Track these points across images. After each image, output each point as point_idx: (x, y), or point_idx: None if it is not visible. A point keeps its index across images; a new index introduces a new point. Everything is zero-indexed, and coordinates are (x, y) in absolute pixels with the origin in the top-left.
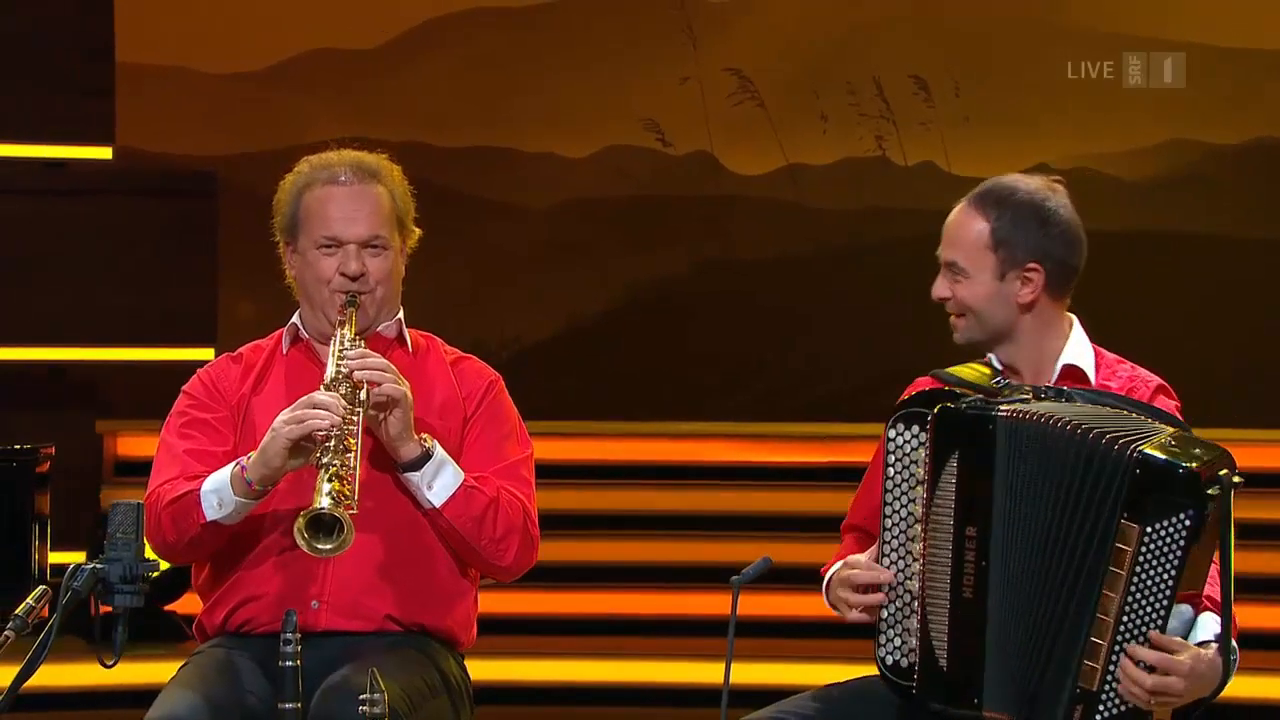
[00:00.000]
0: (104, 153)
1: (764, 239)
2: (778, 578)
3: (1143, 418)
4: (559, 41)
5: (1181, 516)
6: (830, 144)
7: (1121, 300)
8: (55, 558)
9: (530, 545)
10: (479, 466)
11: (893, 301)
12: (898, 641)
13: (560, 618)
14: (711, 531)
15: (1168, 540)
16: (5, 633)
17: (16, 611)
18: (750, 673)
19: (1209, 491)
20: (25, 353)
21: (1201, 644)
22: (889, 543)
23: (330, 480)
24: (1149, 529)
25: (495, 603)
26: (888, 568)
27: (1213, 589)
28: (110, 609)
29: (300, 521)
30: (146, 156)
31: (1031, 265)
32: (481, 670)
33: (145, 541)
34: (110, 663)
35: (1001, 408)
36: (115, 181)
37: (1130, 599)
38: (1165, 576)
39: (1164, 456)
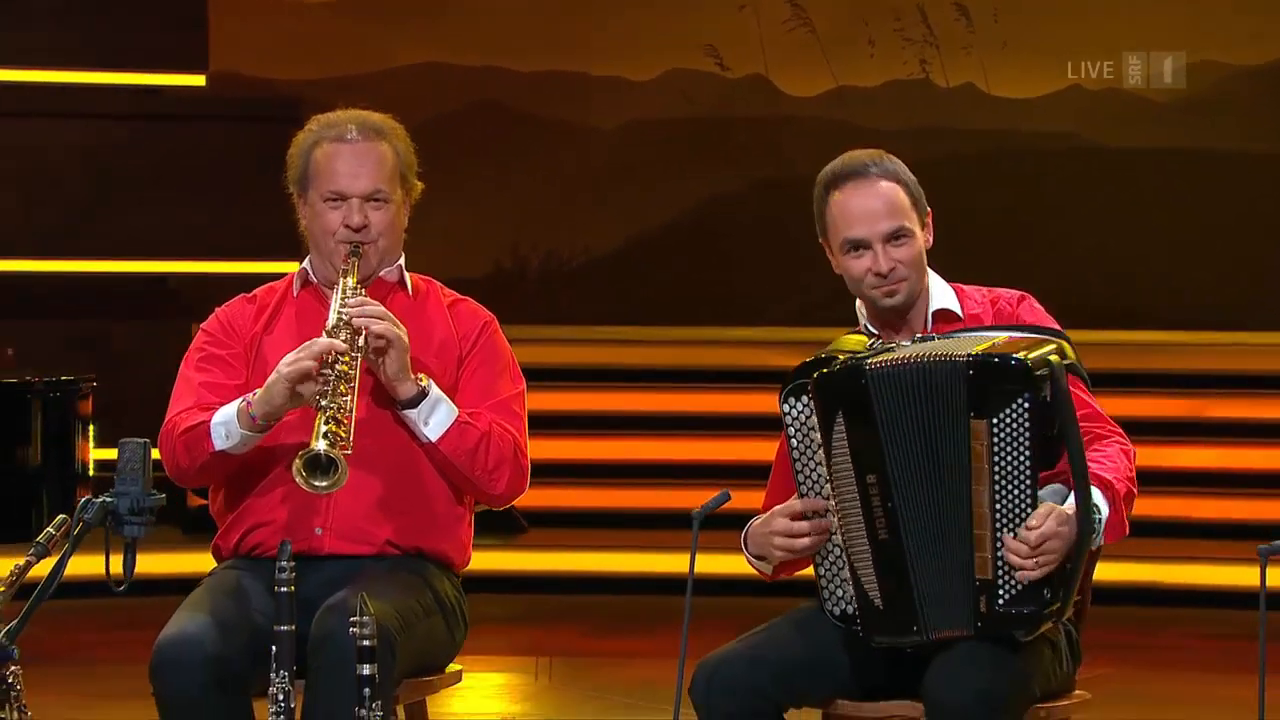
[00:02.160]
0: (197, 80)
1: (815, 157)
2: None
3: (996, 332)
4: None
5: (1019, 402)
6: (877, 67)
7: (1144, 212)
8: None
9: (520, 475)
10: (473, 402)
11: (935, 215)
12: (839, 593)
13: (620, 511)
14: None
15: (1013, 426)
16: (27, 558)
17: (38, 539)
18: None
19: (1038, 373)
20: (126, 265)
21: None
22: (804, 507)
23: (327, 423)
24: (994, 420)
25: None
26: (808, 531)
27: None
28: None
29: (298, 462)
30: (238, 82)
31: (929, 213)
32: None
33: (151, 476)
34: (121, 587)
35: (869, 362)
36: (207, 108)
37: (996, 487)
38: (1021, 458)
39: (990, 354)
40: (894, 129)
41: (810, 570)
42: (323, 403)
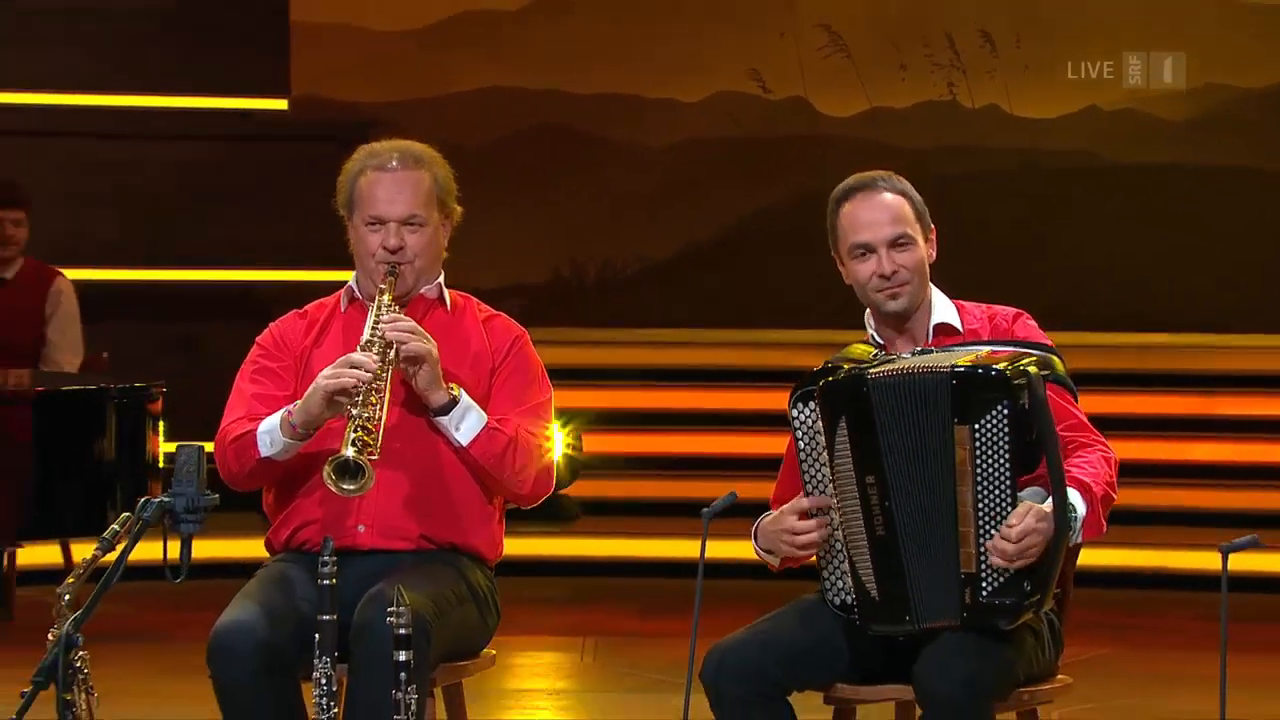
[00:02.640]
0: (280, 104)
1: (850, 173)
2: None
3: (984, 347)
4: (675, 2)
5: (999, 409)
6: (908, 90)
7: (1153, 223)
8: None
9: (546, 476)
10: (504, 409)
11: (960, 226)
12: (839, 584)
13: (667, 500)
14: None
15: (993, 431)
16: (95, 551)
17: (104, 535)
18: None
19: (1016, 383)
20: (216, 274)
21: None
22: (808, 508)
23: (356, 430)
24: (975, 426)
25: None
26: (814, 528)
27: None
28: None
29: (328, 467)
30: (317, 105)
31: (932, 229)
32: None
33: (205, 478)
34: (178, 579)
35: (870, 372)
36: (289, 129)
37: (979, 488)
38: (1001, 461)
39: (974, 365)
40: (923, 147)
41: (813, 561)
42: (354, 412)
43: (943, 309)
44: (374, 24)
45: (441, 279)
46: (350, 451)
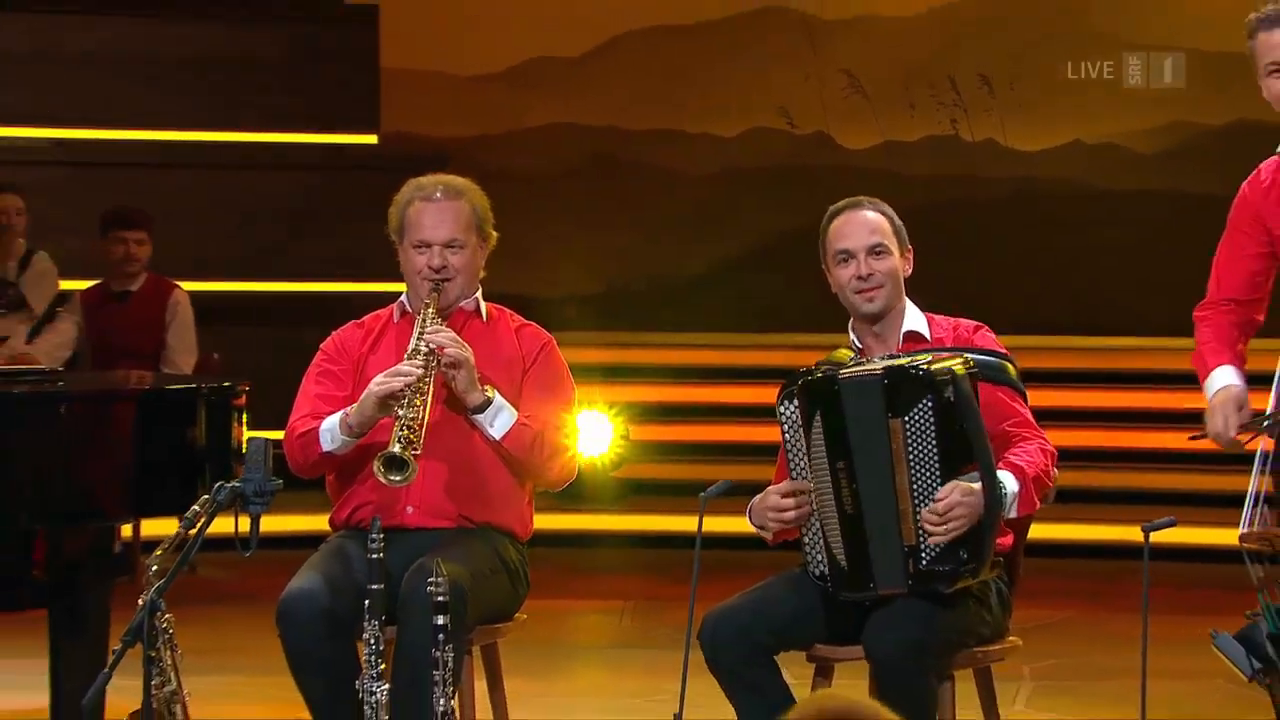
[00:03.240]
0: (371, 139)
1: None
2: None
3: (931, 354)
4: (714, 49)
5: (924, 403)
6: (916, 125)
7: (1129, 243)
8: None
9: (569, 464)
10: (532, 406)
11: (960, 244)
12: (818, 557)
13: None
14: None
15: (920, 423)
16: (178, 531)
17: (186, 515)
18: None
19: (940, 380)
20: (315, 285)
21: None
22: (790, 490)
23: (402, 430)
24: (905, 419)
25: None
26: (793, 506)
27: (1018, 455)
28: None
29: (377, 461)
30: (403, 139)
31: (909, 249)
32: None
33: (271, 467)
34: (248, 553)
35: (842, 373)
36: (378, 161)
37: (912, 472)
38: (929, 449)
39: (903, 366)
40: (929, 175)
41: (798, 536)
42: (400, 413)
43: (914, 319)
44: (453, 69)
45: (479, 293)
46: (396, 448)
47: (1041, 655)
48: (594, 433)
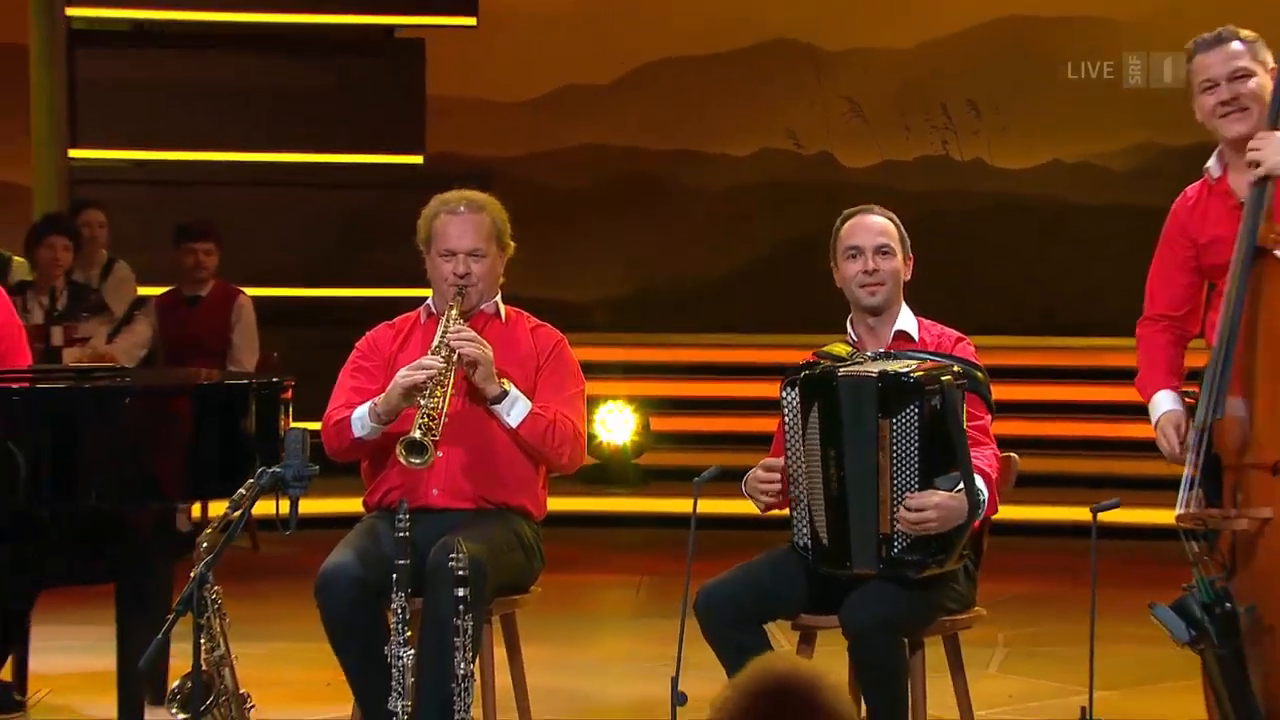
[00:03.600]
0: (417, 159)
1: None
2: None
3: (917, 358)
4: (729, 78)
5: (911, 408)
6: (911, 146)
7: (1098, 252)
8: None
9: (579, 450)
10: (545, 398)
11: (950, 252)
12: (802, 530)
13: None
14: None
15: (905, 426)
16: (226, 512)
17: (232, 498)
18: None
19: (928, 388)
20: (365, 291)
21: (957, 492)
22: (789, 466)
23: (423, 418)
24: (892, 421)
25: (670, 459)
26: (775, 480)
27: (978, 459)
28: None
29: (399, 446)
30: (447, 159)
31: (910, 256)
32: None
33: (308, 453)
34: (288, 532)
35: (840, 370)
36: (424, 179)
37: (894, 468)
38: (911, 450)
39: (896, 373)
40: (922, 191)
41: (786, 511)
42: (422, 403)
43: (906, 321)
44: (492, 96)
45: (499, 297)
46: (417, 434)
47: (1014, 625)
48: (618, 424)
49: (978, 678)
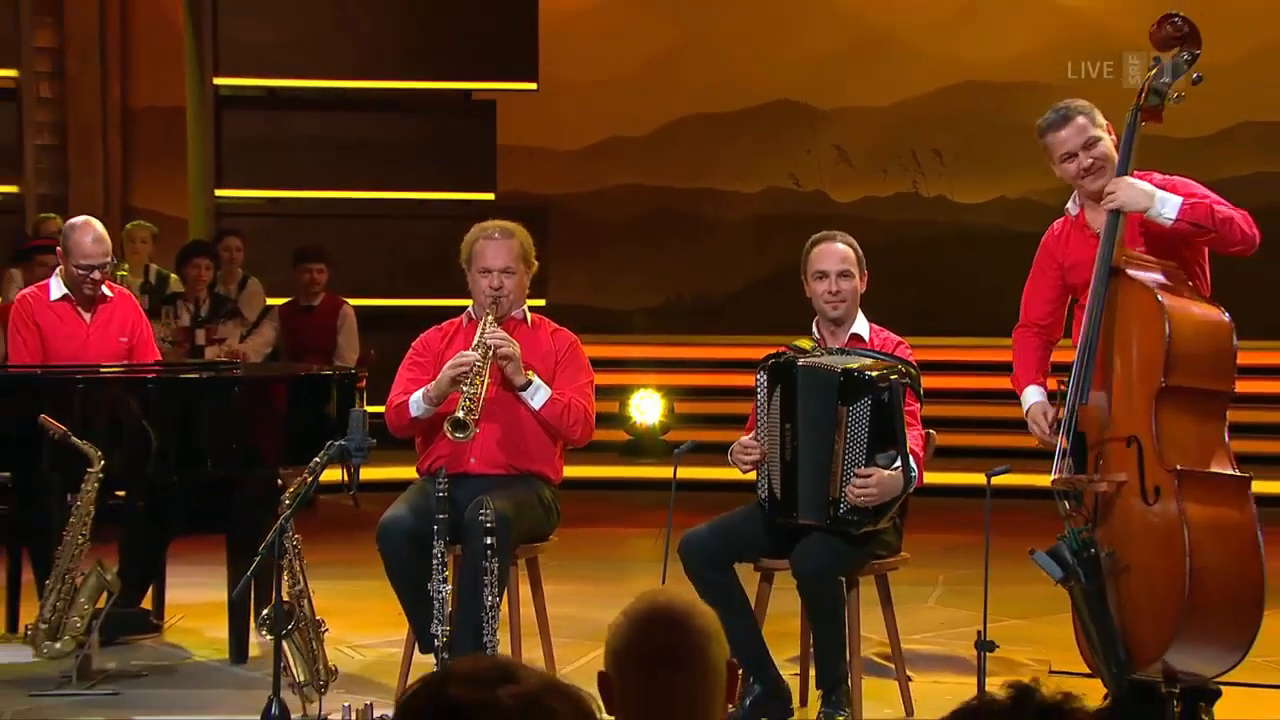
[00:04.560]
0: (490, 196)
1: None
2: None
3: (865, 356)
4: (742, 130)
5: (865, 400)
6: (888, 185)
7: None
8: None
9: (589, 428)
10: (562, 386)
11: (917, 271)
12: (763, 484)
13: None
14: None
15: (859, 414)
16: (305, 474)
17: (309, 464)
18: None
19: (879, 386)
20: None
21: (894, 470)
22: (757, 435)
23: (465, 402)
24: (848, 409)
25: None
26: (756, 450)
27: (911, 440)
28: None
29: (446, 424)
30: (514, 196)
31: (865, 273)
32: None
33: (367, 430)
34: (352, 492)
35: (800, 361)
36: (495, 213)
37: (846, 445)
38: (862, 433)
39: (856, 369)
40: (896, 220)
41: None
42: (464, 388)
43: (860, 326)
44: (550, 145)
45: (526, 306)
46: (461, 413)
47: (952, 568)
48: (649, 407)
49: (918, 609)
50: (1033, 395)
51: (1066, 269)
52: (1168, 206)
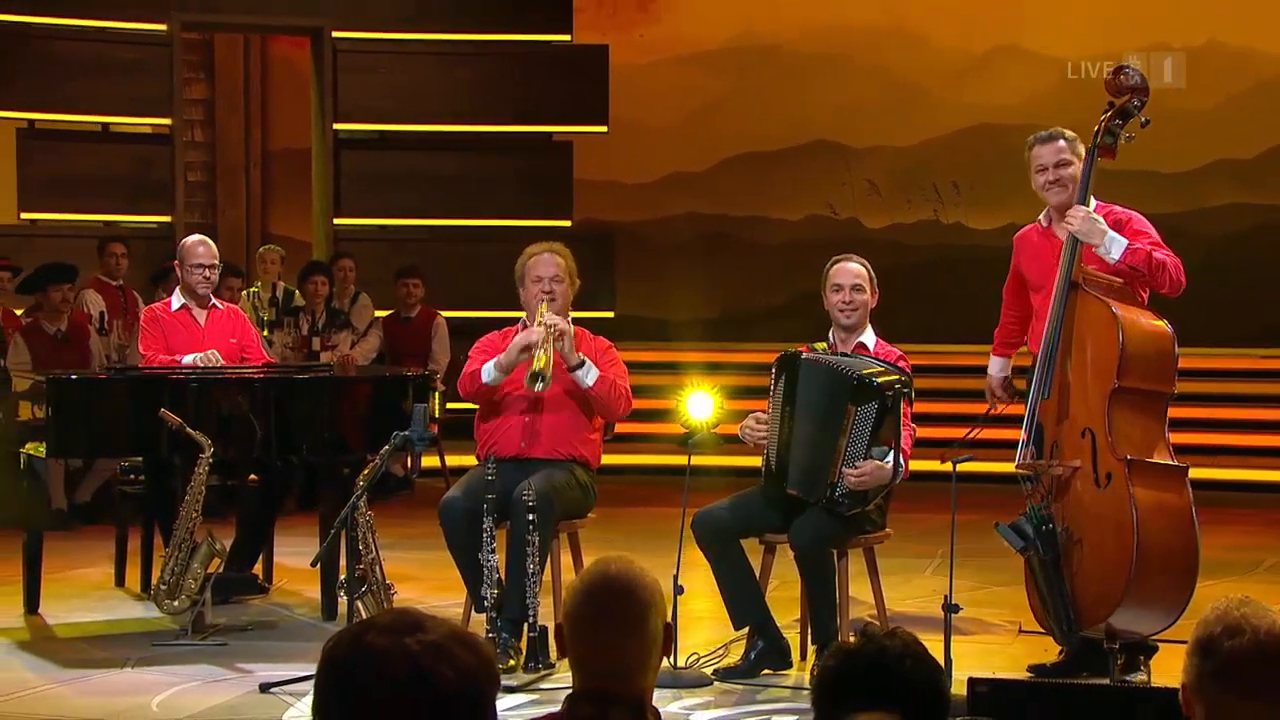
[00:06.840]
0: (567, 223)
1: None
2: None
3: (874, 364)
4: (786, 166)
5: (872, 403)
6: (911, 213)
7: None
8: None
9: (629, 405)
10: (605, 372)
11: (937, 289)
12: (764, 458)
13: None
14: None
15: (865, 415)
16: (376, 460)
17: (381, 451)
18: None
19: (886, 393)
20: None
21: (885, 462)
22: (767, 417)
23: (536, 360)
24: (857, 409)
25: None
26: (760, 428)
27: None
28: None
29: (526, 376)
30: (588, 224)
31: (877, 290)
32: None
33: (429, 422)
34: (415, 476)
35: (803, 356)
36: (571, 238)
37: (849, 439)
38: (865, 431)
39: (867, 375)
40: (919, 244)
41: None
42: (535, 354)
43: (868, 337)
44: (620, 179)
45: (570, 316)
46: (537, 366)
47: (928, 542)
48: (703, 405)
49: (916, 577)
50: (994, 366)
51: (1025, 260)
52: (1115, 248)
